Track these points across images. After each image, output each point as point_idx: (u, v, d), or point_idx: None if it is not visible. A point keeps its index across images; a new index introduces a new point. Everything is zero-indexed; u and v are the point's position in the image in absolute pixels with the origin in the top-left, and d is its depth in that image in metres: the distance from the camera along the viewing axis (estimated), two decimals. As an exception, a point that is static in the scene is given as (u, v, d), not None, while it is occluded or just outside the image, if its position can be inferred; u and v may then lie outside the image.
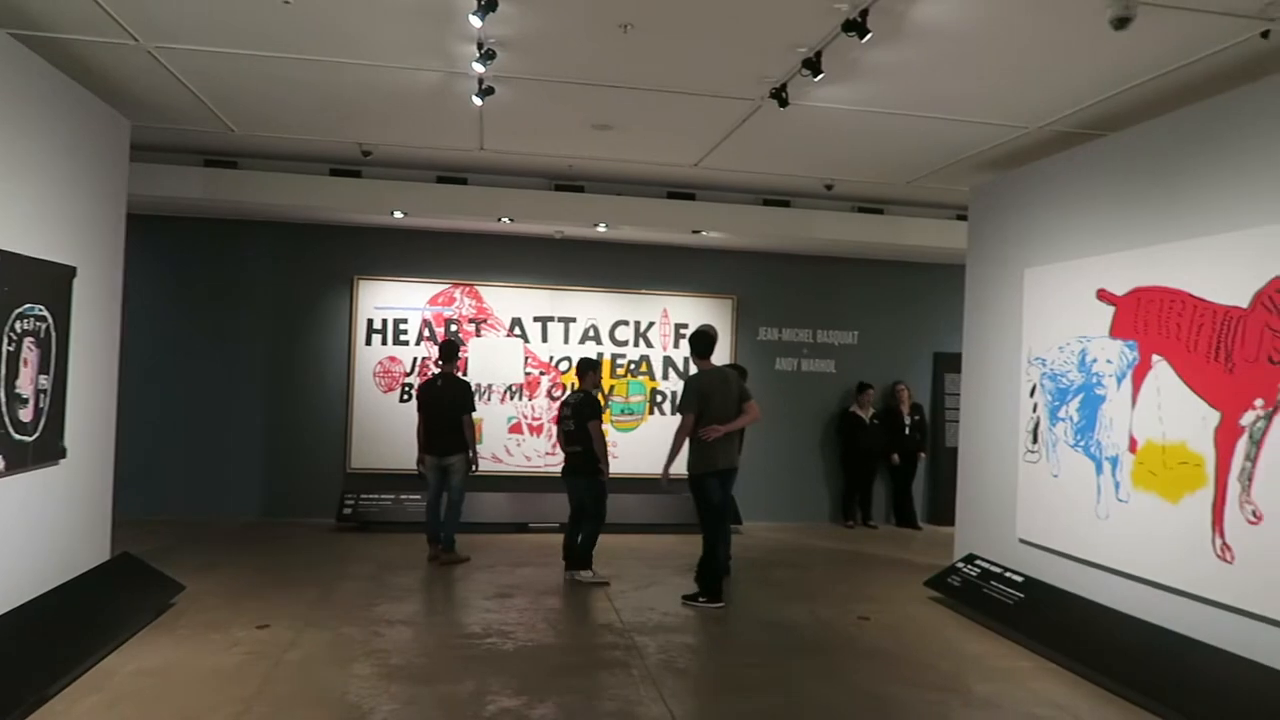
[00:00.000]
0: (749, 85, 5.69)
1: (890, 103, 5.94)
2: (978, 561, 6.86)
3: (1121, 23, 4.31)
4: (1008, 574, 6.45)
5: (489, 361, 9.64)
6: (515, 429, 9.68)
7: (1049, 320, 6.37)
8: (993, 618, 6.11)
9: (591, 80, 5.74)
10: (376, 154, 7.86)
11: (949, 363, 9.96)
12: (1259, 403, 4.58)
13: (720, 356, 9.54)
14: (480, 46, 5.06)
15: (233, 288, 9.29)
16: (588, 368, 7.46)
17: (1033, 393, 6.52)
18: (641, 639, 5.63)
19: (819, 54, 4.99)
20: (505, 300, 9.72)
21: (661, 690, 4.72)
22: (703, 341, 6.71)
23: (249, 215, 9.06)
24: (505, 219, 8.68)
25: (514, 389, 9.69)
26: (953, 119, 6.21)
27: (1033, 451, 6.49)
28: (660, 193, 8.97)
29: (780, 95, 5.60)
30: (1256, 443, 4.59)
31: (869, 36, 4.50)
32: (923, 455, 10.28)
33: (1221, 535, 4.79)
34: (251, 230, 9.28)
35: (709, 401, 6.43)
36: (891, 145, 6.98)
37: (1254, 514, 4.59)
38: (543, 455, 9.69)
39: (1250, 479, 4.62)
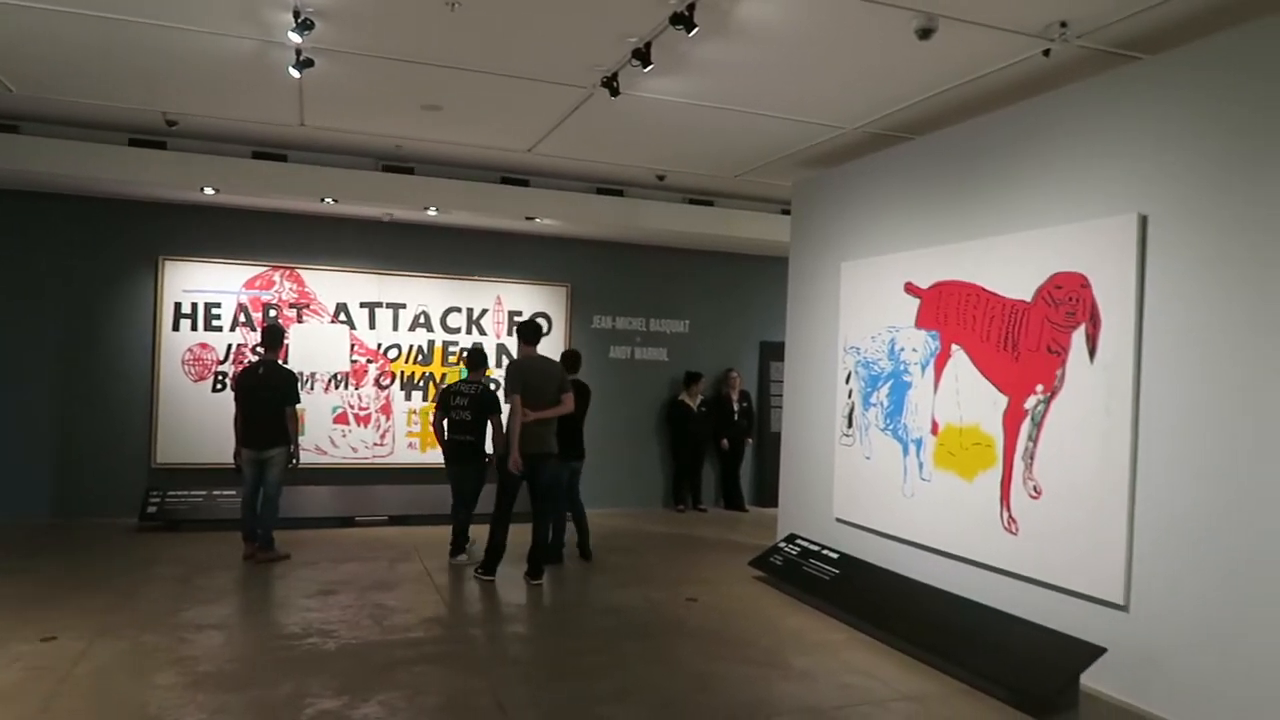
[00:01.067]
0: (580, 72, 5.68)
1: (718, 97, 6.10)
2: (798, 541, 7.20)
3: (925, 33, 4.62)
4: (825, 551, 6.81)
5: (312, 349, 9.18)
6: (341, 419, 9.28)
7: (863, 311, 6.75)
8: (811, 594, 6.44)
9: (418, 58, 5.55)
10: (184, 124, 7.30)
11: (774, 351, 10.38)
12: (1040, 388, 5.05)
13: (554, 343, 9.58)
14: (297, 15, 4.79)
15: (15, 267, 8.36)
16: (482, 360, 7.53)
17: (848, 380, 6.90)
18: (472, 630, 5.55)
19: (648, 45, 5.04)
20: (329, 285, 9.29)
21: (492, 681, 4.67)
22: (528, 329, 6.91)
23: (34, 187, 8.19)
24: (329, 199, 8.28)
25: (339, 377, 9.28)
26: (776, 116, 6.45)
27: (848, 435, 6.88)
28: (494, 177, 8.83)
29: (611, 84, 5.63)
30: (1037, 424, 5.05)
31: (696, 31, 4.59)
32: (749, 441, 10.68)
33: (1009, 509, 5.25)
34: (38, 204, 8.39)
35: (527, 385, 6.53)
36: (720, 139, 7.17)
37: (1035, 489, 5.07)
38: (370, 446, 9.36)
39: (1032, 458, 5.09)
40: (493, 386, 7.46)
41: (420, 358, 9.57)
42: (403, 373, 9.51)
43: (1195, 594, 4.24)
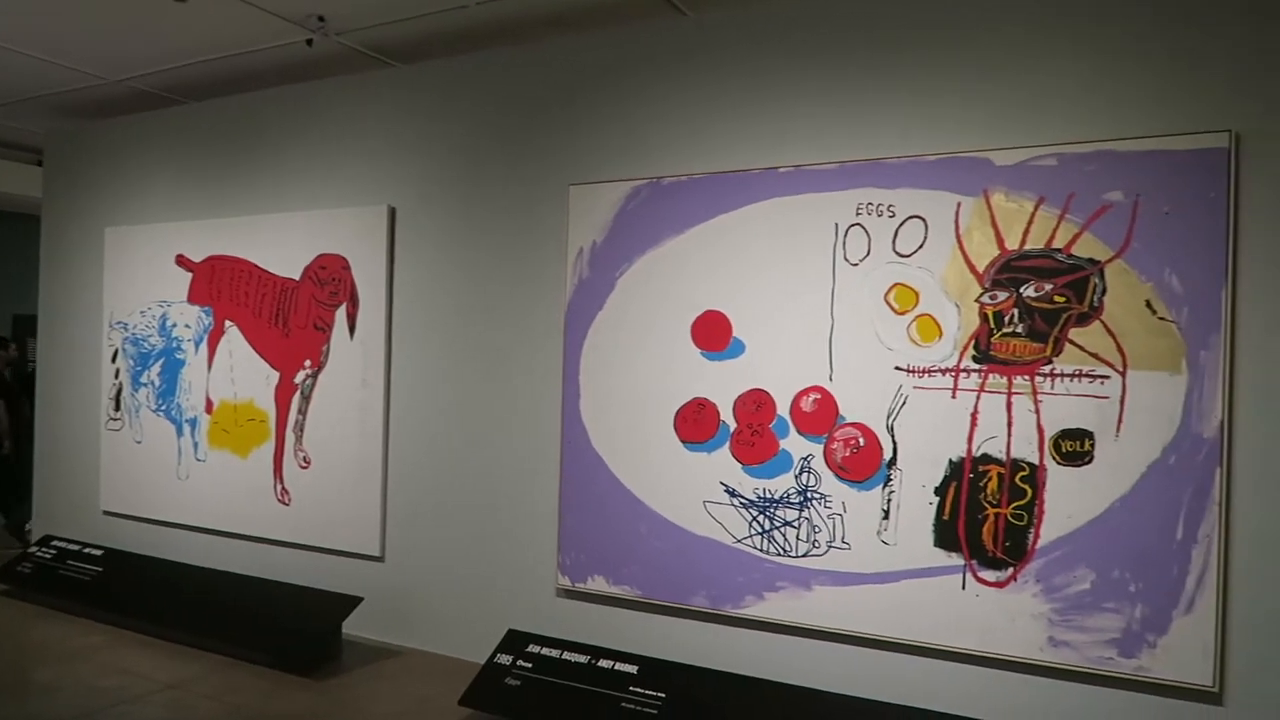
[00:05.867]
0: None
1: (-78, 12, 4.93)
2: (55, 543, 6.32)
3: (180, -5, 4.42)
4: (87, 550, 6.11)
5: None
6: None
7: (132, 283, 6.21)
8: (69, 599, 5.70)
9: None
10: None
11: (28, 326, 8.87)
12: (308, 363, 5.30)
13: None
14: None
15: None
16: None
17: (115, 358, 6.28)
18: None
19: None
20: None
21: None
22: None
23: None
24: None
25: None
26: (10, 48, 5.48)
27: (115, 419, 6.27)
28: None
29: None
30: (306, 398, 5.30)
31: None
32: (-1, 432, 8.95)
33: (281, 481, 5.41)
34: None
35: None
36: (-66, 64, 5.80)
37: (305, 460, 5.31)
38: None
39: (302, 430, 5.32)
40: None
41: None
42: None
43: (426, 539, 4.95)
